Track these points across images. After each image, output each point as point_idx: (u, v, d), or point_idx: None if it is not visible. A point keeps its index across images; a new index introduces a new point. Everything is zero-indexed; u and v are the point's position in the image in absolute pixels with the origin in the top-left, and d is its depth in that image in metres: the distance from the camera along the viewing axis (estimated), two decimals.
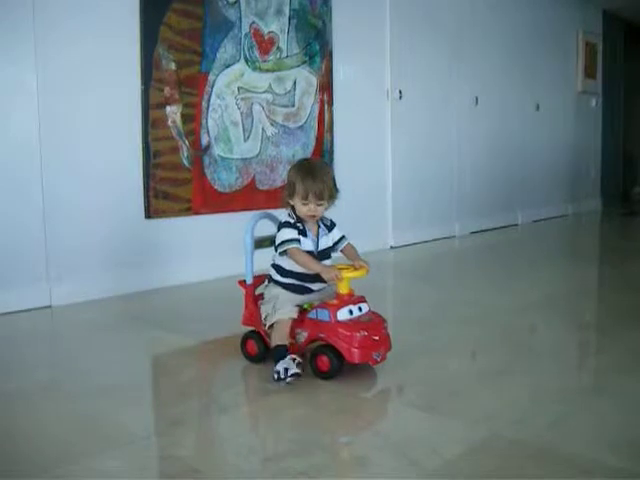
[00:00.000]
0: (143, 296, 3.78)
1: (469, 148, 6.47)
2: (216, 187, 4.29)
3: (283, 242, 2.45)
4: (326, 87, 4.99)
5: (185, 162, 4.11)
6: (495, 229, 6.78)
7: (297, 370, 2.29)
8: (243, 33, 4.39)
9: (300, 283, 2.50)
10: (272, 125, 4.61)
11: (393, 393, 2.36)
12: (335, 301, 2.40)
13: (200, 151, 4.19)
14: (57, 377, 2.49)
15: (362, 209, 5.35)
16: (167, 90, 3.99)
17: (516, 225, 7.20)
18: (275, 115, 4.63)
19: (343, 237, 2.63)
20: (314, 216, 2.49)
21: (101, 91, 3.71)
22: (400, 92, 5.58)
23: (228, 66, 4.31)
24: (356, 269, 2.44)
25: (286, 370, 2.29)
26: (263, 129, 4.55)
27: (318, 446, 1.85)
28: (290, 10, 4.68)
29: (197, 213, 4.19)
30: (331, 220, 2.63)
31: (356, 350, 2.32)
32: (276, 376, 2.31)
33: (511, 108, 7.14)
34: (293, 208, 2.50)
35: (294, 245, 2.43)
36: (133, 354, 2.84)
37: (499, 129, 6.96)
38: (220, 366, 2.68)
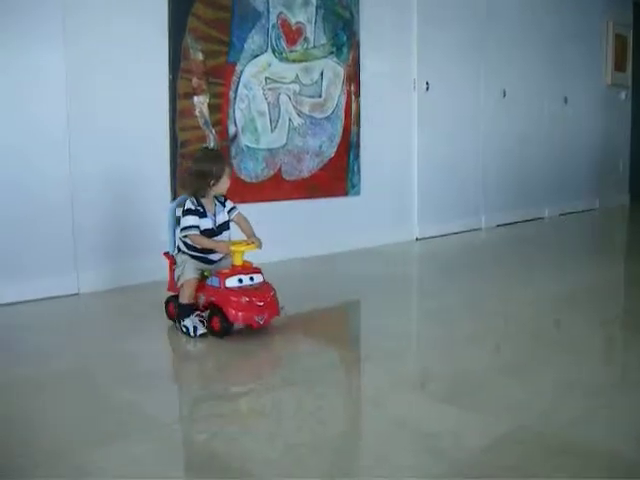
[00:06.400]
0: None
1: (496, 141, 6.42)
2: (242, 177, 4.30)
3: (185, 228, 2.88)
4: (353, 78, 4.98)
5: None
6: (521, 222, 6.73)
7: (203, 331, 2.77)
8: (270, 23, 4.39)
9: (201, 255, 2.93)
10: (299, 116, 4.61)
11: (416, 385, 2.36)
12: (227, 270, 2.78)
13: (227, 141, 4.20)
14: (83, 363, 2.52)
15: (388, 201, 5.34)
16: (195, 80, 4.01)
17: (542, 218, 7.15)
18: (302, 106, 4.63)
19: (234, 207, 3.05)
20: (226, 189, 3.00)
21: (130, 81, 3.73)
22: (427, 84, 5.55)
23: (255, 56, 4.32)
24: (247, 244, 2.84)
25: (195, 329, 2.77)
26: (290, 119, 4.55)
27: (334, 448, 1.85)
28: (317, 0, 4.67)
29: None
30: (224, 196, 3.04)
31: (239, 313, 2.70)
32: (184, 330, 2.80)
33: (539, 101, 7.08)
34: (200, 197, 2.92)
35: (193, 232, 2.87)
36: (160, 341, 2.87)
37: (526, 122, 6.90)
38: (245, 353, 2.69)
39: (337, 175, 4.91)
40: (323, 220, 4.80)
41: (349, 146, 4.98)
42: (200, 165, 2.93)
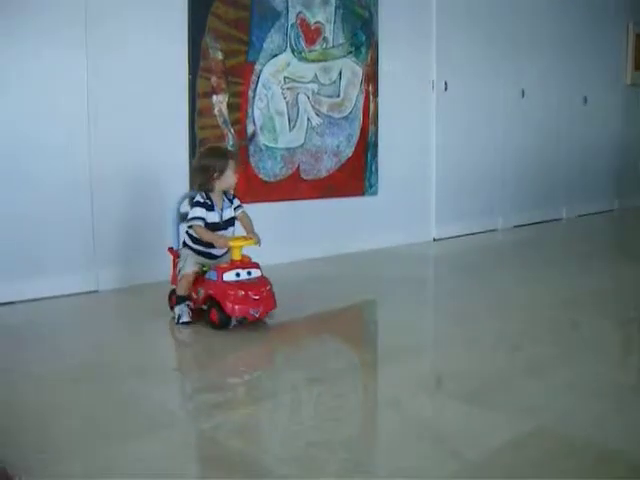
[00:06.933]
0: None
1: (514, 141, 6.40)
2: (261, 176, 4.32)
3: (191, 219, 3.00)
4: (371, 78, 4.98)
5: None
6: (539, 223, 6.71)
7: (188, 319, 2.93)
8: (290, 23, 4.40)
9: (205, 249, 3.04)
10: (317, 115, 4.62)
11: (433, 385, 2.36)
12: (225, 265, 2.88)
13: (245, 140, 4.22)
14: (100, 360, 2.54)
15: (405, 201, 5.34)
16: (214, 79, 4.03)
17: (560, 220, 7.12)
18: (320, 105, 4.64)
19: (240, 205, 3.17)
20: (234, 184, 3.11)
21: (150, 79, 3.75)
22: (445, 83, 5.55)
23: (274, 56, 4.33)
24: (246, 240, 2.94)
25: (179, 317, 2.94)
26: (308, 119, 4.56)
27: (350, 445, 1.86)
28: (337, 0, 4.68)
29: (241, 201, 4.20)
30: (233, 193, 3.16)
31: (235, 306, 2.79)
32: (173, 316, 2.97)
33: (558, 101, 7.04)
34: (208, 190, 3.03)
35: (197, 222, 2.98)
36: (178, 338, 2.89)
37: (545, 122, 6.87)
38: (263, 351, 2.70)
39: (355, 175, 4.92)
40: (340, 220, 4.81)
41: (367, 146, 4.98)
42: (204, 160, 3.11)
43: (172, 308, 3.06)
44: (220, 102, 4.07)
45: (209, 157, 3.10)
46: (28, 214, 3.38)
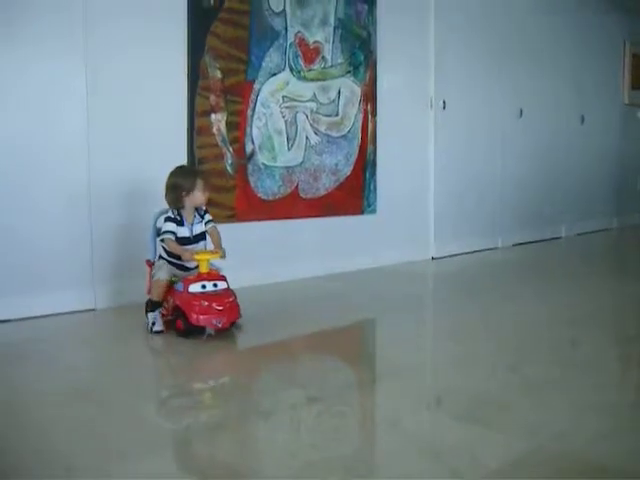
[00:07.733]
0: None
1: (512, 159, 6.42)
2: (259, 195, 4.32)
3: (163, 232, 3.18)
4: (370, 97, 5.00)
5: (229, 169, 4.15)
6: (538, 242, 6.71)
7: (160, 328, 3.07)
8: (288, 42, 4.42)
9: (177, 261, 3.21)
10: (316, 134, 4.63)
11: (432, 403, 2.35)
12: (192, 277, 3.03)
13: (244, 159, 4.22)
14: (97, 379, 2.52)
15: (404, 219, 5.34)
16: (213, 98, 4.04)
17: (559, 238, 7.12)
18: (319, 124, 4.65)
19: (210, 220, 3.33)
20: (203, 202, 3.27)
21: (148, 98, 3.76)
22: (444, 102, 5.57)
23: (273, 75, 4.35)
24: (212, 253, 3.09)
25: (153, 324, 3.08)
26: (307, 138, 4.57)
27: (347, 463, 1.85)
28: (335, 20, 4.71)
29: (240, 220, 4.21)
30: (204, 209, 3.33)
31: (200, 316, 2.93)
32: (146, 322, 3.12)
33: (556, 120, 7.07)
34: (179, 207, 3.21)
35: (168, 236, 3.17)
36: (174, 358, 2.88)
37: (543, 141, 6.89)
38: (259, 371, 2.69)
39: (353, 193, 4.92)
40: (339, 238, 4.81)
41: (365, 164, 4.99)
42: (173, 179, 3.24)
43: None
44: (219, 121, 4.08)
45: (179, 177, 3.24)
46: (25, 232, 3.38)
